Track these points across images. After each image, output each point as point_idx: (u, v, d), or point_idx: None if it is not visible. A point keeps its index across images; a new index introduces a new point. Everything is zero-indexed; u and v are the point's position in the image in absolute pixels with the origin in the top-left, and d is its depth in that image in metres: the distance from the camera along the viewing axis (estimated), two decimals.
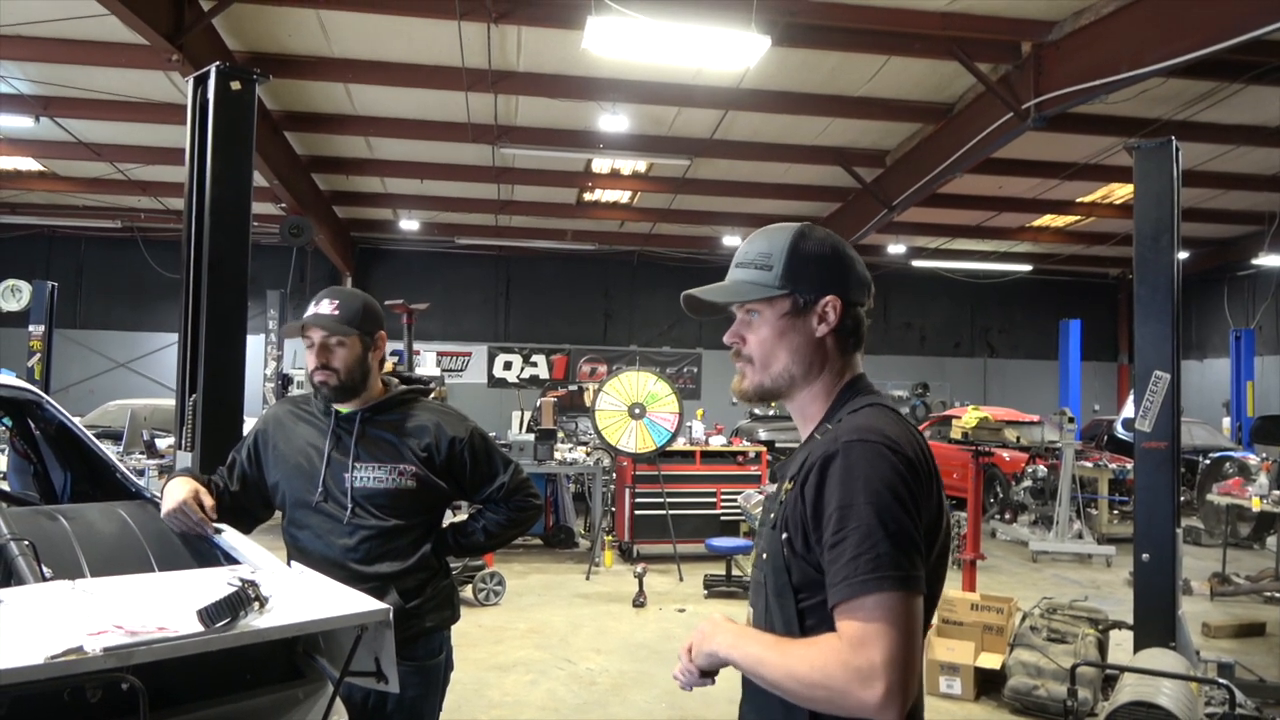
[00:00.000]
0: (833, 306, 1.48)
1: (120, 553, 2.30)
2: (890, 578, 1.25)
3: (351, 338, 2.44)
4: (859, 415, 1.43)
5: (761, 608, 1.48)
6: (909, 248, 17.22)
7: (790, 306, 1.49)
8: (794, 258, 1.49)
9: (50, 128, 10.98)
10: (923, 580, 1.30)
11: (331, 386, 2.44)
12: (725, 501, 9.20)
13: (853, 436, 1.35)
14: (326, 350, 2.44)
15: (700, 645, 1.47)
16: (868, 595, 1.25)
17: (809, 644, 1.32)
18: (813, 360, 1.50)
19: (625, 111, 9.99)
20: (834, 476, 1.33)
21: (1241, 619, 7.01)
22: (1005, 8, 7.82)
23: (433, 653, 2.51)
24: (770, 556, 1.45)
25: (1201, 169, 11.68)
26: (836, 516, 1.30)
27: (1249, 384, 15.02)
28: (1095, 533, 10.18)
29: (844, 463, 1.33)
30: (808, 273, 1.49)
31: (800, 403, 1.54)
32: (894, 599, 1.25)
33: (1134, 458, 5.14)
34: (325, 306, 2.45)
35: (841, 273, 1.51)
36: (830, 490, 1.33)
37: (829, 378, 1.52)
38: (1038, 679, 5.01)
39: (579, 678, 5.59)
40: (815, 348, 1.50)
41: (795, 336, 1.49)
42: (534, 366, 18.78)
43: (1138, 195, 4.98)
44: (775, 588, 1.43)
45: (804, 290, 1.48)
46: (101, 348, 17.19)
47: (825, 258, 1.50)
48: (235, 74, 3.87)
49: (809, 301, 1.48)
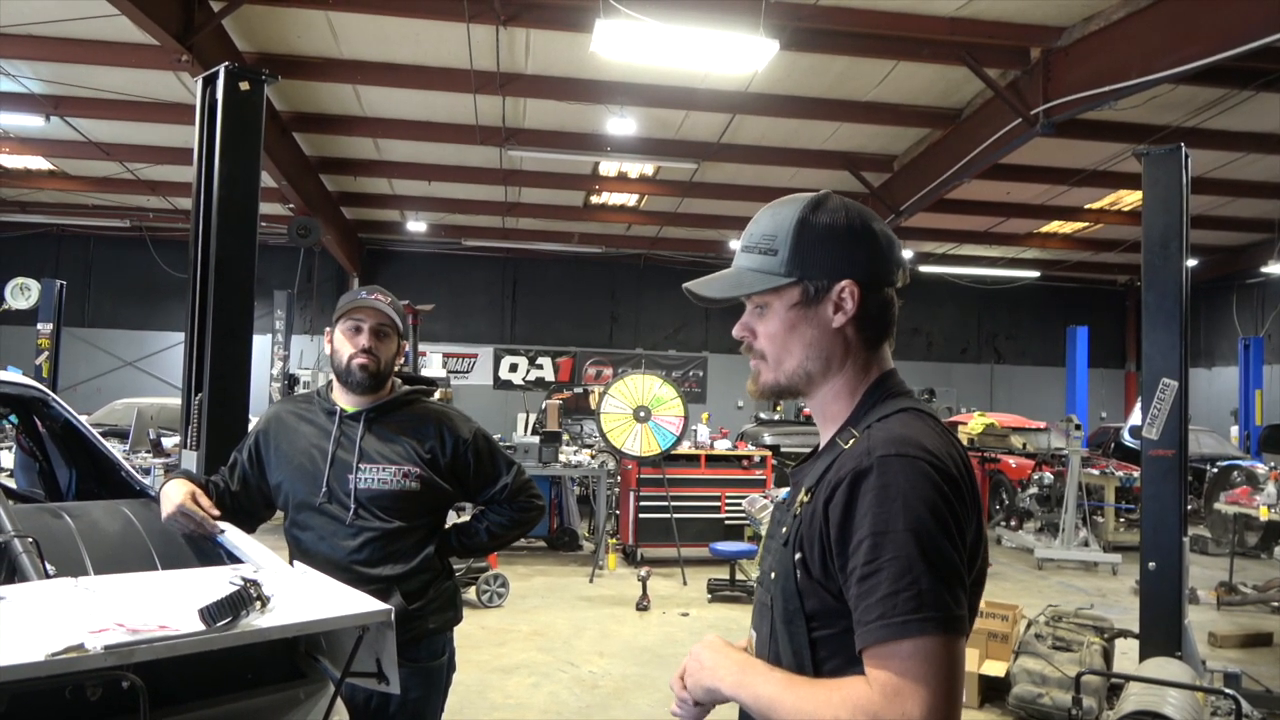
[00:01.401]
0: (850, 292, 1.29)
1: (123, 551, 2.31)
2: (933, 619, 1.09)
3: (395, 333, 2.52)
4: (893, 422, 1.24)
5: (766, 632, 1.31)
6: (916, 253, 17.19)
7: (800, 296, 1.30)
8: (801, 239, 1.30)
9: (60, 127, 11.04)
10: (966, 619, 1.13)
11: (370, 372, 2.45)
12: (730, 506, 9.19)
13: (889, 450, 1.17)
14: (378, 336, 2.47)
15: (698, 677, 1.27)
16: (906, 639, 1.09)
17: (833, 688, 1.14)
18: (831, 354, 1.32)
19: (633, 115, 10.00)
20: (867, 496, 1.15)
21: (1248, 629, 6.97)
22: (1014, 13, 7.80)
23: (435, 654, 2.50)
24: (780, 577, 1.27)
25: (1210, 176, 11.65)
26: (869, 544, 1.13)
27: (1257, 392, 14.95)
28: (1101, 540, 10.14)
29: (879, 481, 1.15)
30: (818, 254, 1.29)
31: (821, 401, 1.36)
32: (936, 644, 1.09)
33: (1141, 465, 5.12)
34: (380, 297, 2.51)
35: (859, 251, 1.30)
36: (862, 512, 1.15)
37: (852, 373, 1.33)
38: (1042, 687, 4.99)
39: (582, 681, 5.58)
40: (833, 340, 1.31)
41: (809, 329, 1.31)
42: (540, 369, 18.79)
43: (1146, 202, 4.96)
44: (784, 613, 1.25)
45: (814, 275, 1.29)
46: (109, 346, 17.25)
47: (837, 236, 1.30)
48: (244, 74, 3.88)
49: (821, 289, 1.29)
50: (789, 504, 1.33)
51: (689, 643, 6.34)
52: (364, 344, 2.45)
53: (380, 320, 2.47)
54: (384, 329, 2.48)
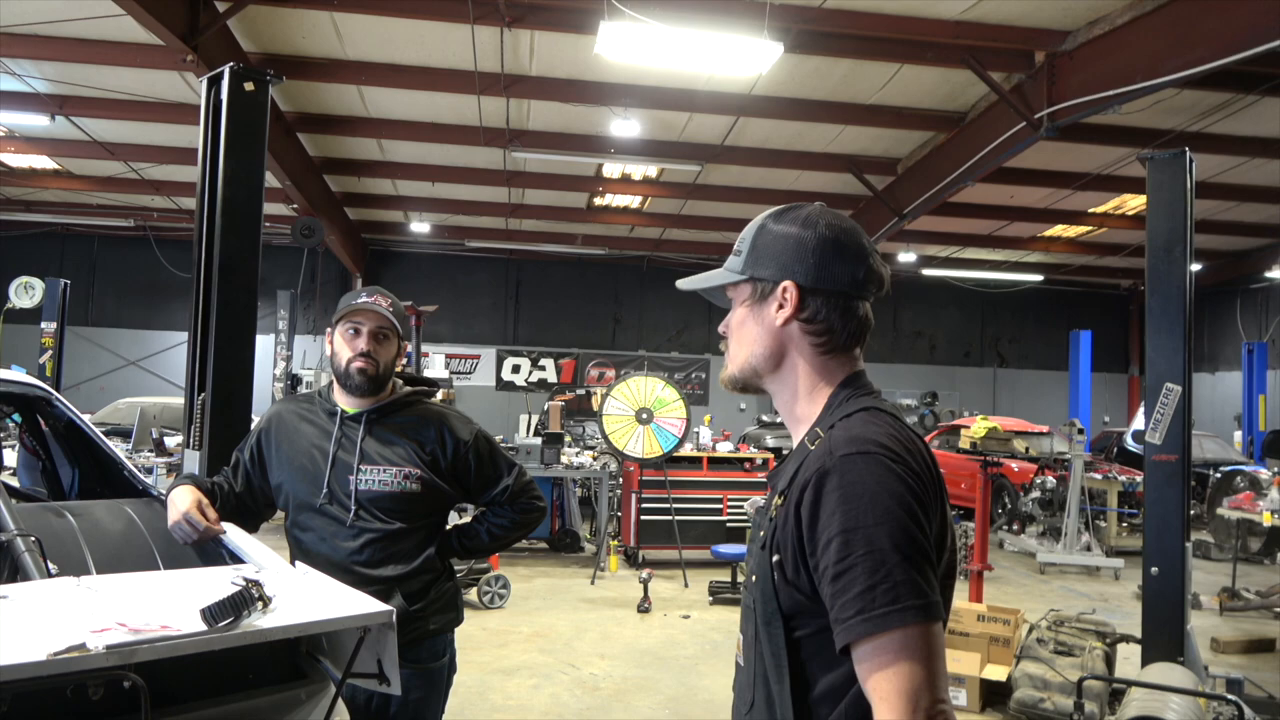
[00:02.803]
0: (789, 293, 1.34)
1: (126, 550, 2.31)
2: (911, 608, 1.11)
3: (395, 336, 2.50)
4: (852, 422, 1.27)
5: (751, 634, 1.34)
6: (919, 256, 17.18)
7: (750, 293, 1.39)
8: (758, 240, 1.39)
9: (65, 126, 11.07)
10: (942, 605, 1.16)
11: (369, 376, 2.44)
12: (731, 508, 9.18)
13: (849, 449, 1.21)
14: (376, 339, 2.46)
15: None
16: (891, 631, 1.11)
17: None
18: (774, 351, 1.38)
19: (637, 117, 10.00)
20: (832, 496, 1.18)
21: (1251, 634, 6.95)
22: (1018, 17, 7.80)
23: (436, 655, 2.50)
24: (760, 580, 1.30)
25: (1215, 181, 11.64)
26: (840, 542, 1.15)
27: (1261, 397, 14.93)
28: (1104, 545, 10.12)
29: (841, 479, 1.18)
30: (767, 256, 1.37)
31: (781, 401, 1.42)
32: (918, 632, 1.11)
33: (1144, 470, 5.11)
34: (380, 300, 2.49)
35: (807, 255, 1.34)
36: (829, 511, 1.18)
37: (808, 374, 1.38)
38: (1044, 691, 4.98)
39: (583, 683, 5.58)
40: (775, 337, 1.37)
41: (754, 325, 1.39)
42: (542, 370, 18.80)
43: (1150, 206, 4.95)
44: (764, 614, 1.28)
45: (762, 275, 1.37)
46: (112, 345, 17.29)
47: (789, 239, 1.36)
48: (249, 75, 3.88)
49: (767, 289, 1.37)
50: (765, 508, 1.36)
51: (690, 645, 6.37)
52: (362, 347, 2.44)
53: (379, 323, 2.46)
54: (383, 332, 2.47)
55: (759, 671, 1.31)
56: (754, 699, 1.32)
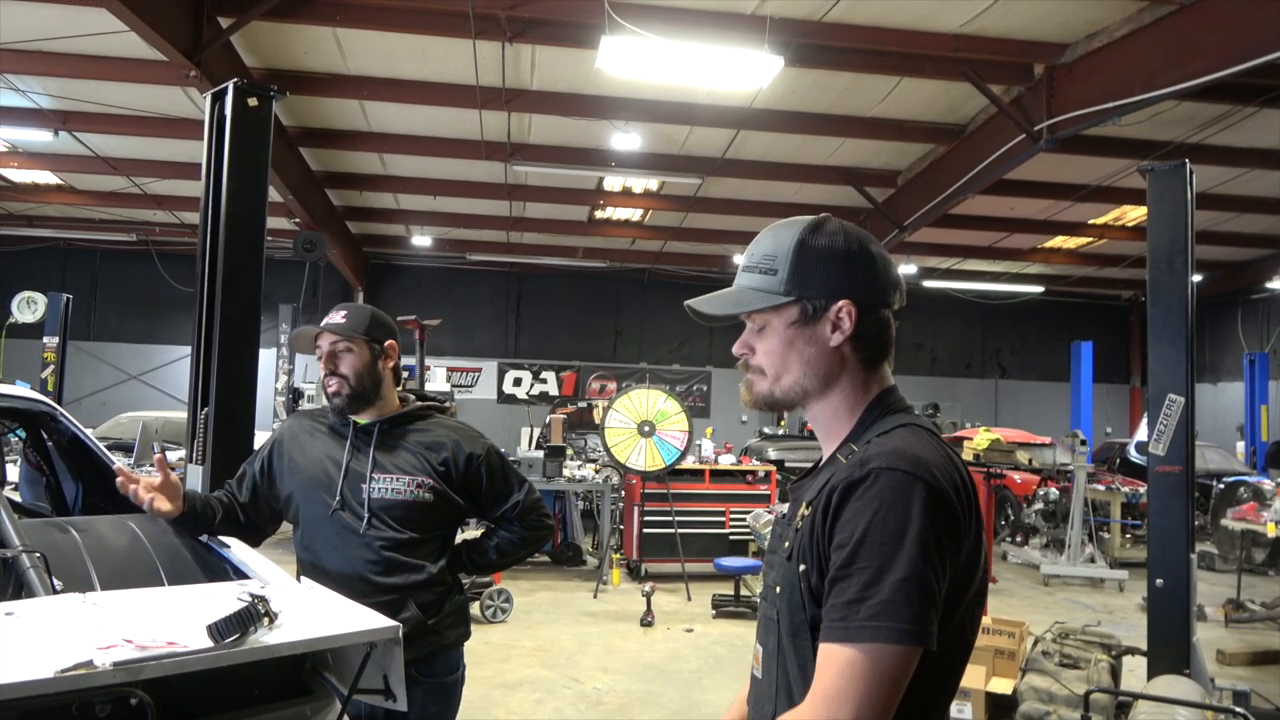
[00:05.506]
0: (847, 312, 1.32)
1: (130, 566, 2.30)
2: (886, 629, 1.11)
3: (359, 343, 2.47)
4: (891, 437, 1.27)
5: (773, 647, 1.32)
6: (920, 268, 17.21)
7: (799, 314, 1.34)
8: (800, 259, 1.34)
9: (68, 142, 11.11)
10: (933, 635, 1.14)
11: (344, 395, 2.44)
12: (734, 521, 9.16)
13: (883, 463, 1.20)
14: (334, 357, 2.46)
15: None
16: (860, 644, 1.12)
17: None
18: (829, 372, 1.35)
19: (637, 130, 10.04)
20: (853, 505, 1.19)
21: (1257, 646, 6.92)
22: (1018, 30, 7.83)
23: (451, 669, 2.51)
24: (785, 590, 1.29)
25: (1215, 192, 11.65)
26: (849, 550, 1.17)
27: (1263, 408, 14.91)
28: (1108, 557, 10.09)
29: (867, 490, 1.19)
30: (816, 275, 1.33)
31: (821, 418, 1.39)
32: (883, 653, 1.11)
33: (1147, 481, 5.10)
34: (334, 316, 2.51)
35: (856, 272, 1.33)
36: (846, 518, 1.19)
37: (851, 391, 1.37)
38: (1050, 705, 4.95)
39: (586, 697, 5.56)
40: (830, 358, 1.35)
41: (807, 347, 1.34)
42: (544, 383, 18.80)
43: (1151, 218, 4.96)
44: (790, 626, 1.27)
45: (812, 295, 1.33)
46: (115, 360, 17.29)
47: (836, 256, 1.33)
48: (252, 90, 3.90)
49: (819, 308, 1.33)
50: (789, 519, 1.35)
51: (694, 659, 6.34)
52: (324, 369, 2.47)
53: (332, 340, 2.47)
54: (339, 347, 2.46)
55: (781, 684, 1.30)
56: (775, 711, 1.30)
